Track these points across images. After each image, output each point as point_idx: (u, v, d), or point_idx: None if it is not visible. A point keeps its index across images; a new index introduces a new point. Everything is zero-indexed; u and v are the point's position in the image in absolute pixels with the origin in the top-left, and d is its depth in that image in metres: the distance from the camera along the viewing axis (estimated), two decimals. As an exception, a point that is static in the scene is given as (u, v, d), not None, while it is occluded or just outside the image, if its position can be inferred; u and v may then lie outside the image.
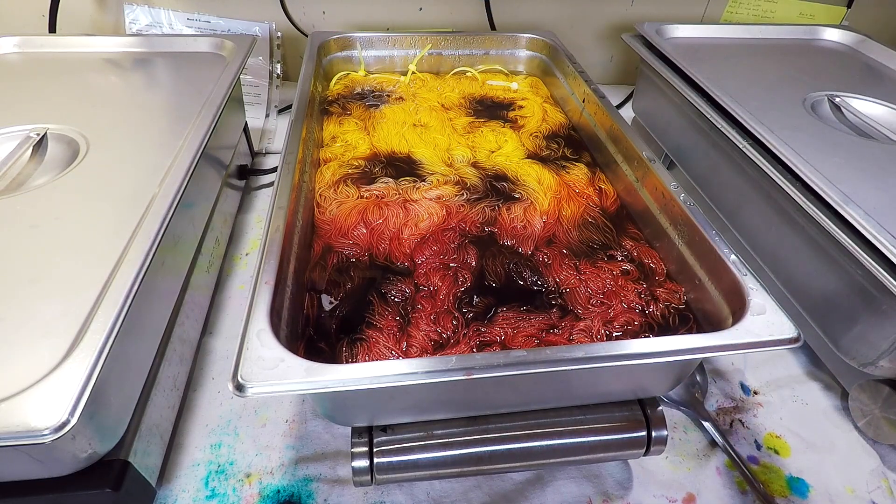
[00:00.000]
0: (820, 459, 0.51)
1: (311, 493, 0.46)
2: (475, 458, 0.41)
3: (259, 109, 0.93)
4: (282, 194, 0.47)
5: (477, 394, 0.40)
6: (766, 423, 0.53)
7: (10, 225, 0.43)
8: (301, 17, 0.99)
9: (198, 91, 0.62)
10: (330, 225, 0.52)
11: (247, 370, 0.32)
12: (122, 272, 0.38)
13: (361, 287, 0.45)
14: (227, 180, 0.67)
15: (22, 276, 0.38)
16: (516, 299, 0.45)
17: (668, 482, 0.48)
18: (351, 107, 0.71)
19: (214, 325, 0.59)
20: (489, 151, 0.63)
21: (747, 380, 0.57)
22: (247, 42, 0.73)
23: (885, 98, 0.70)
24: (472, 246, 0.49)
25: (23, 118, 0.56)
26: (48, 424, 0.29)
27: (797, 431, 0.53)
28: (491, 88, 0.78)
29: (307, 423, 0.51)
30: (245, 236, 0.72)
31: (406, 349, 0.41)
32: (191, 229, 0.54)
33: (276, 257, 0.40)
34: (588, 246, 0.51)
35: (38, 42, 0.73)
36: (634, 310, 0.45)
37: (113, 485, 0.36)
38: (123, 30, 0.93)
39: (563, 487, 0.47)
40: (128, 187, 0.47)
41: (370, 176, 0.58)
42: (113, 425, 0.38)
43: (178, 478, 0.47)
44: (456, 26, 1.03)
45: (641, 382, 0.42)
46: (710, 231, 0.45)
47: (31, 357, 0.33)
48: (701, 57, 0.76)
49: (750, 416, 0.54)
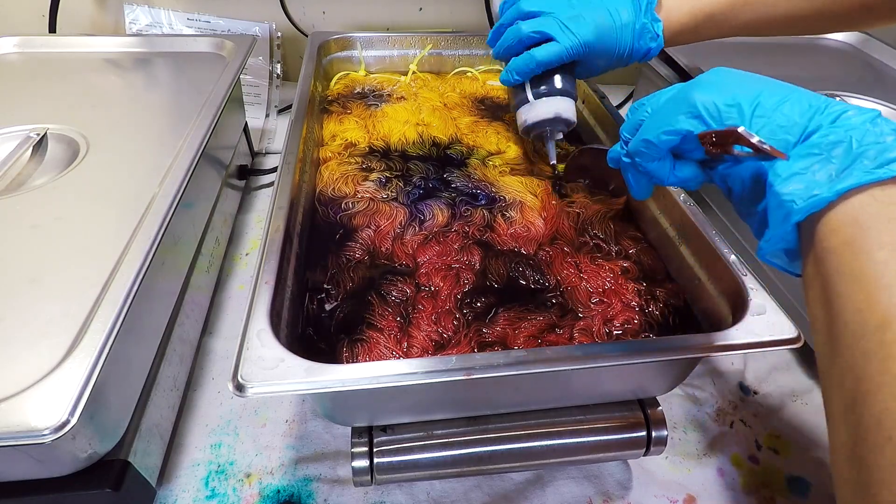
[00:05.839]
0: (820, 459, 0.51)
1: (311, 493, 0.46)
2: (475, 458, 0.41)
3: (259, 109, 0.92)
4: (282, 194, 0.47)
5: (477, 394, 0.40)
6: (766, 423, 0.53)
7: (9, 225, 0.43)
8: (301, 17, 0.99)
9: (198, 91, 0.62)
10: (330, 224, 0.52)
11: (247, 370, 0.32)
12: (122, 272, 0.38)
13: (362, 287, 0.45)
14: (227, 180, 0.67)
15: (22, 277, 0.38)
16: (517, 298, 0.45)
17: (669, 482, 0.48)
18: (351, 106, 0.71)
19: (214, 325, 0.59)
20: (488, 153, 0.63)
21: (747, 380, 0.57)
22: (247, 42, 0.73)
23: (886, 98, 0.70)
24: (476, 246, 0.49)
25: (23, 118, 0.56)
26: (48, 424, 0.29)
27: (797, 431, 0.53)
28: (492, 88, 0.77)
29: (307, 423, 0.51)
30: (245, 236, 0.72)
31: (407, 349, 0.41)
32: (191, 229, 0.54)
33: (276, 257, 0.40)
34: (588, 245, 0.51)
35: (38, 42, 0.73)
36: (634, 309, 0.45)
37: (113, 485, 0.36)
38: (123, 30, 0.93)
39: (563, 487, 0.47)
40: (128, 187, 0.47)
41: (370, 174, 0.58)
42: (113, 425, 0.38)
43: (178, 478, 0.47)
44: (456, 26, 1.03)
45: (641, 382, 0.42)
46: (710, 231, 0.45)
47: (31, 357, 0.33)
48: (702, 56, 0.76)
49: (750, 415, 0.54)
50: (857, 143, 0.24)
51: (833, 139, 0.25)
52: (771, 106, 0.28)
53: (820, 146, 0.25)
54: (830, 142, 0.25)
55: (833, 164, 0.25)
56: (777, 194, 0.26)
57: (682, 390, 0.56)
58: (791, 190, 0.26)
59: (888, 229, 0.23)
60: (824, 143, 0.25)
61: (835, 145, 0.25)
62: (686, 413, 0.54)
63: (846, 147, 0.25)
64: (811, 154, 0.26)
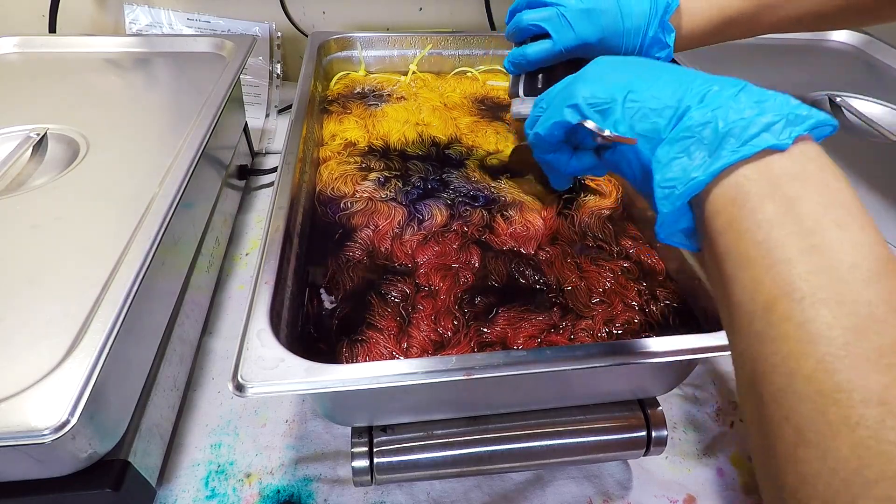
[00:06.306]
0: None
1: (311, 493, 0.46)
2: (475, 458, 0.41)
3: (259, 109, 0.92)
4: (282, 194, 0.47)
5: (477, 394, 0.40)
6: (766, 423, 0.53)
7: (9, 225, 0.43)
8: (301, 17, 0.99)
9: (198, 91, 0.62)
10: (330, 224, 0.52)
11: (247, 370, 0.32)
12: (121, 272, 0.38)
13: (362, 287, 0.45)
14: (227, 180, 0.67)
15: (22, 277, 0.38)
16: (517, 298, 0.45)
17: (669, 482, 0.48)
18: (351, 105, 0.71)
19: (214, 325, 0.59)
20: (487, 152, 0.63)
21: (747, 380, 0.57)
22: (247, 42, 0.73)
23: (887, 98, 0.70)
24: (475, 246, 0.49)
25: (23, 118, 0.56)
26: (48, 424, 0.29)
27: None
28: (492, 88, 0.77)
29: (307, 423, 0.51)
30: (245, 236, 0.72)
31: (406, 349, 0.41)
32: (191, 229, 0.54)
33: (276, 257, 0.40)
34: (589, 245, 0.51)
35: (38, 42, 0.73)
36: (634, 308, 0.45)
37: (113, 485, 0.36)
38: (123, 30, 0.93)
39: (563, 487, 0.47)
40: (128, 187, 0.47)
41: (370, 174, 0.58)
42: (113, 425, 0.38)
43: (178, 478, 0.47)
44: (456, 26, 1.03)
45: (641, 382, 0.42)
46: (711, 231, 0.45)
47: (31, 357, 0.33)
48: (702, 56, 0.75)
49: (750, 416, 0.54)
50: (722, 122, 0.24)
51: (702, 120, 0.25)
52: (642, 90, 0.28)
53: (691, 129, 0.25)
54: (699, 122, 0.25)
55: (705, 146, 0.25)
56: (658, 181, 0.26)
57: (682, 390, 0.56)
58: (670, 176, 0.26)
59: (762, 207, 0.23)
60: (695, 125, 0.25)
61: (704, 126, 0.25)
62: (686, 413, 0.54)
63: (713, 127, 0.25)
64: (685, 137, 0.26)
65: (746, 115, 0.24)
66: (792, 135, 0.23)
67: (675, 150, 0.26)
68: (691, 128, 0.25)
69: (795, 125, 0.24)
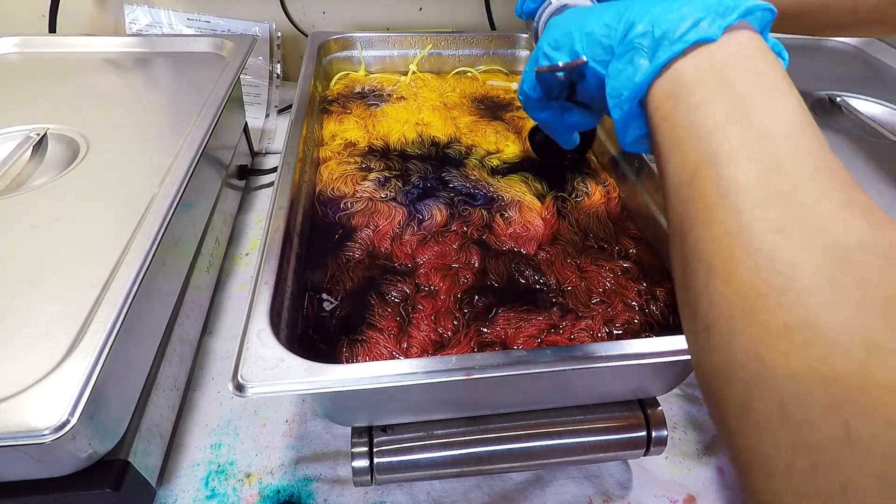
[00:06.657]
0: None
1: (311, 493, 0.46)
2: (475, 458, 0.41)
3: (259, 109, 0.92)
4: (282, 194, 0.47)
5: (477, 394, 0.40)
6: (766, 423, 0.53)
7: (9, 225, 0.43)
8: (301, 17, 0.99)
9: (198, 91, 0.62)
10: (330, 224, 0.52)
11: (247, 370, 0.32)
12: (121, 272, 0.38)
13: (362, 287, 0.45)
14: (227, 180, 0.67)
15: (22, 277, 0.38)
16: (517, 298, 0.45)
17: (669, 482, 0.48)
18: (351, 105, 0.71)
19: (214, 325, 0.59)
20: (486, 152, 0.63)
21: (747, 380, 0.57)
22: (247, 42, 0.73)
23: (887, 98, 0.70)
24: (475, 246, 0.49)
25: (23, 118, 0.56)
26: (48, 424, 0.29)
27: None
28: (492, 88, 0.77)
29: (307, 423, 0.51)
30: (245, 236, 0.72)
31: (406, 349, 0.41)
32: (191, 229, 0.54)
33: (276, 257, 0.40)
34: (589, 245, 0.51)
35: (38, 42, 0.73)
36: (635, 308, 0.45)
37: (113, 485, 0.36)
38: (123, 30, 0.93)
39: (563, 487, 0.47)
40: (128, 187, 0.47)
41: (370, 174, 0.58)
42: (113, 425, 0.38)
43: (178, 478, 0.47)
44: (456, 26, 1.03)
45: (641, 382, 0.42)
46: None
47: (31, 357, 0.33)
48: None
49: (750, 416, 0.54)
50: (658, 28, 0.27)
51: (642, 31, 0.27)
52: (594, 21, 0.30)
53: (632, 41, 0.28)
54: (639, 33, 0.28)
55: (646, 53, 0.27)
56: (608, 92, 0.29)
57: (682, 390, 0.56)
58: (616, 85, 0.29)
59: (696, 92, 0.25)
60: (636, 37, 0.28)
61: (643, 36, 0.27)
62: (686, 413, 0.54)
63: (650, 34, 0.27)
64: (629, 50, 0.28)
65: (677, 16, 0.26)
66: (721, 26, 0.25)
67: (621, 63, 0.28)
68: (632, 40, 0.28)
69: (724, 16, 0.25)
